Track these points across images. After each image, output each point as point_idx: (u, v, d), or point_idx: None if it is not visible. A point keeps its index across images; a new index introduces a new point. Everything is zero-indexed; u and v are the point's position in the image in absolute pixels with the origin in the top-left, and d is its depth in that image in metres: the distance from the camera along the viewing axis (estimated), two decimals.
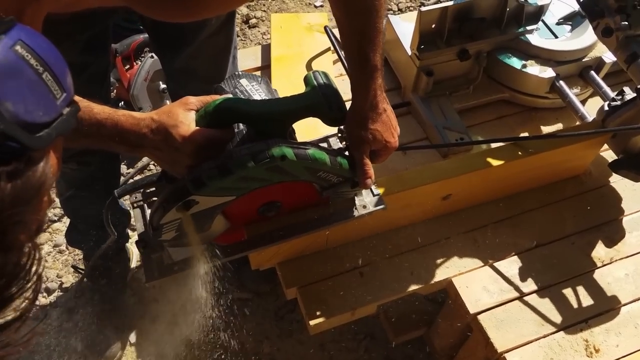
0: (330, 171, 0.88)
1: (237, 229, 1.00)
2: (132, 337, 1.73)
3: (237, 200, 0.87)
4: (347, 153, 0.95)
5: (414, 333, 1.56)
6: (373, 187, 1.06)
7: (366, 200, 1.06)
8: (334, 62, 1.61)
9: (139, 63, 2.13)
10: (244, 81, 0.92)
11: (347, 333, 1.73)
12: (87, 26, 1.10)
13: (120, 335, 1.70)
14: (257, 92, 0.91)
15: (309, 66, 1.56)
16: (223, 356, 1.70)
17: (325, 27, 1.63)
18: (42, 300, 1.81)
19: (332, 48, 1.60)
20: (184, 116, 0.81)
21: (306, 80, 0.87)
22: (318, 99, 0.85)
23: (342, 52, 1.57)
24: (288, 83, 1.51)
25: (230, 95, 0.89)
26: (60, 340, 1.73)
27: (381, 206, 1.06)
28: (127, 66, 2.17)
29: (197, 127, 0.80)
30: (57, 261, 1.90)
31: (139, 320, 1.78)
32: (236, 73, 0.94)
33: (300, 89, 1.57)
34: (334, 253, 1.26)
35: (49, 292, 1.83)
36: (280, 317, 1.78)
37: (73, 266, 1.83)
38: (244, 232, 1.02)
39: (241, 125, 0.87)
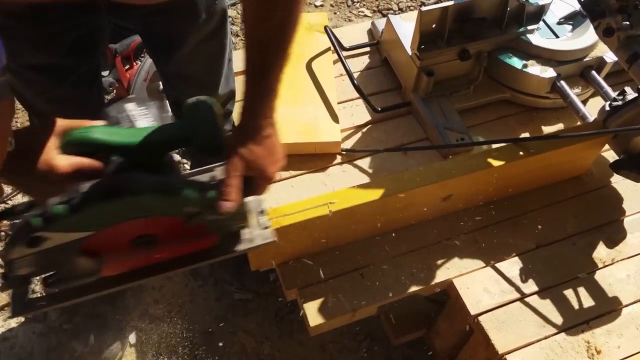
0: (196, 205, 0.81)
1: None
2: (132, 338, 1.73)
3: (101, 234, 0.80)
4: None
5: (415, 334, 1.56)
6: (263, 219, 0.97)
7: (254, 232, 0.97)
8: (334, 62, 1.60)
9: (139, 63, 2.13)
10: (131, 106, 0.87)
11: (348, 334, 1.73)
12: (72, 28, 1.07)
13: (120, 336, 1.69)
14: (144, 117, 0.85)
15: (309, 66, 1.55)
16: (224, 357, 1.70)
17: (325, 27, 1.63)
18: None
19: (332, 48, 1.60)
20: (47, 142, 0.74)
21: (187, 106, 0.82)
22: (193, 129, 0.80)
23: (342, 53, 1.57)
24: (288, 83, 1.50)
25: (102, 123, 0.82)
26: (61, 341, 1.73)
27: (269, 240, 0.96)
28: (127, 66, 2.16)
29: (60, 154, 0.74)
30: None
31: (139, 321, 1.77)
32: (127, 97, 0.89)
33: (300, 89, 1.56)
34: (334, 254, 1.26)
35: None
36: (280, 317, 1.77)
37: None
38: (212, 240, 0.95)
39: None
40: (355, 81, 1.50)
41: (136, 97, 0.88)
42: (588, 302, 1.21)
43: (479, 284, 1.22)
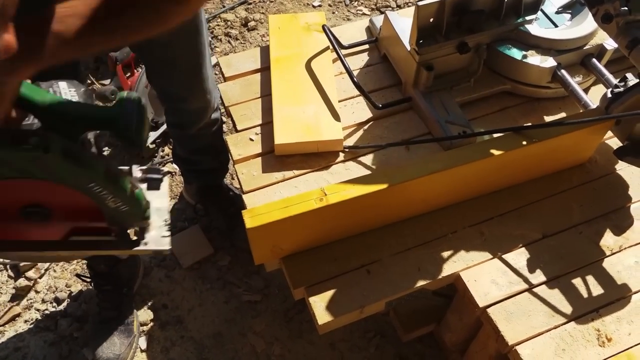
0: (101, 185, 0.81)
1: None
2: (143, 343, 1.74)
3: None
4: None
5: (424, 329, 1.56)
6: (164, 229, 0.99)
7: (153, 236, 0.98)
8: (334, 61, 1.60)
9: (140, 70, 2.14)
10: (62, 84, 0.85)
11: (357, 331, 1.73)
12: None
13: (130, 342, 1.70)
14: (72, 98, 0.84)
15: (308, 66, 1.56)
16: (235, 359, 1.70)
17: (323, 26, 1.63)
18: (52, 310, 1.82)
19: (331, 47, 1.60)
20: None
21: (118, 97, 0.82)
22: (116, 116, 0.80)
23: (341, 51, 1.57)
24: (288, 83, 1.51)
25: (28, 82, 0.81)
26: (72, 349, 1.73)
27: (162, 248, 0.97)
28: (128, 74, 2.18)
29: None
30: (65, 271, 1.91)
31: (149, 326, 1.78)
32: (66, 80, 0.87)
33: (301, 88, 1.56)
34: (340, 252, 1.26)
35: (59, 301, 1.84)
36: (289, 318, 1.78)
37: (77, 275, 1.84)
38: None
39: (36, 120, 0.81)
40: (355, 79, 1.50)
41: (70, 80, 0.87)
42: (597, 290, 1.21)
43: (487, 276, 1.22)
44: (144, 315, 1.79)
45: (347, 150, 1.42)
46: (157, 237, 0.98)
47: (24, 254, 1.00)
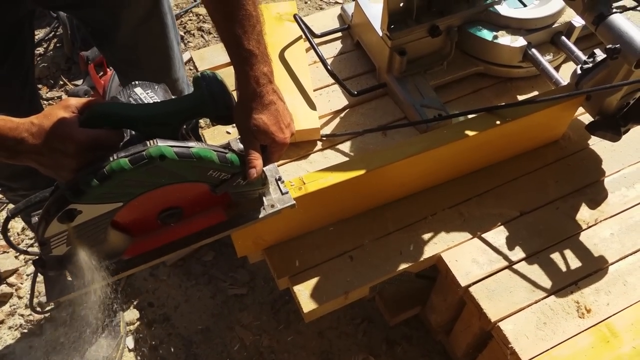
0: (220, 169, 0.85)
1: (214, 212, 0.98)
2: (130, 343, 1.73)
3: (130, 208, 0.82)
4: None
5: (410, 312, 1.57)
6: (281, 185, 1.04)
7: (274, 198, 1.03)
8: (307, 50, 1.60)
9: (112, 69, 2.11)
10: (138, 90, 0.89)
11: (345, 318, 1.74)
12: None
13: (118, 342, 1.69)
14: (152, 100, 0.88)
15: (281, 56, 1.55)
16: (223, 353, 1.70)
17: (295, 16, 1.62)
18: (37, 315, 1.80)
19: (303, 36, 1.60)
20: (64, 118, 0.77)
21: (194, 80, 0.86)
22: (204, 98, 0.84)
23: (313, 40, 1.57)
24: None
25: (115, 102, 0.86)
26: (59, 353, 1.72)
27: (289, 203, 1.02)
28: (101, 73, 2.15)
29: (79, 128, 0.77)
30: None
31: (136, 325, 1.77)
32: (132, 83, 0.90)
33: (275, 79, 1.55)
34: (322, 239, 1.27)
35: (42, 306, 1.81)
36: (276, 309, 1.78)
37: None
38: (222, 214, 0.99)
39: (132, 132, 0.85)
40: (329, 67, 1.50)
41: (141, 82, 0.90)
42: (575, 263, 1.23)
43: (467, 256, 1.24)
44: (130, 314, 1.78)
45: (324, 138, 1.42)
46: (280, 197, 1.03)
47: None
